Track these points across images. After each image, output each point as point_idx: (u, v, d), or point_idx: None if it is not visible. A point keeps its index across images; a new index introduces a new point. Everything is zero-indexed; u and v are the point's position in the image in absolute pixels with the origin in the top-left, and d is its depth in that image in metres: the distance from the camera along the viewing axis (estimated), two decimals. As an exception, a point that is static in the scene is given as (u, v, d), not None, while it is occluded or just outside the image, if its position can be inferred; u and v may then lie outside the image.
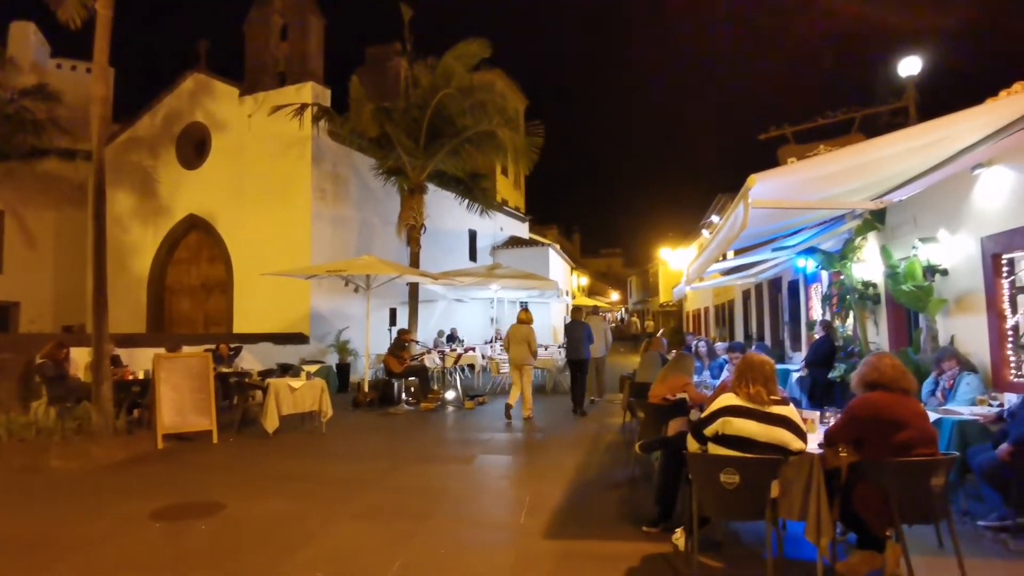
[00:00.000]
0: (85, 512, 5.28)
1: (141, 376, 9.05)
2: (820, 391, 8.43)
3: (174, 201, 16.41)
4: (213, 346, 11.21)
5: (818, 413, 4.51)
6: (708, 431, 3.83)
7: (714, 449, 3.75)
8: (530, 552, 4.25)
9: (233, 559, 4.16)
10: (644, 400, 6.35)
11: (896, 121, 10.81)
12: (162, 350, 9.14)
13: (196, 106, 16.38)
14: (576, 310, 12.43)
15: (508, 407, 9.93)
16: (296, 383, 8.83)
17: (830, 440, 3.69)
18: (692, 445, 3.92)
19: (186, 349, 9.68)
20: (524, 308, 11.08)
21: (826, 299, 10.01)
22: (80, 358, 9.11)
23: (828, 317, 9.78)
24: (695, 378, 7.92)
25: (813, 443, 3.89)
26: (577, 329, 11.01)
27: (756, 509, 3.55)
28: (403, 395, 11.68)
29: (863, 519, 3.59)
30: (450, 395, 11.95)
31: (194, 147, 16.38)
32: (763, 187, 4.74)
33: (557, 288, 15.55)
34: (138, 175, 16.66)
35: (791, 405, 3.83)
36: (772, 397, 3.80)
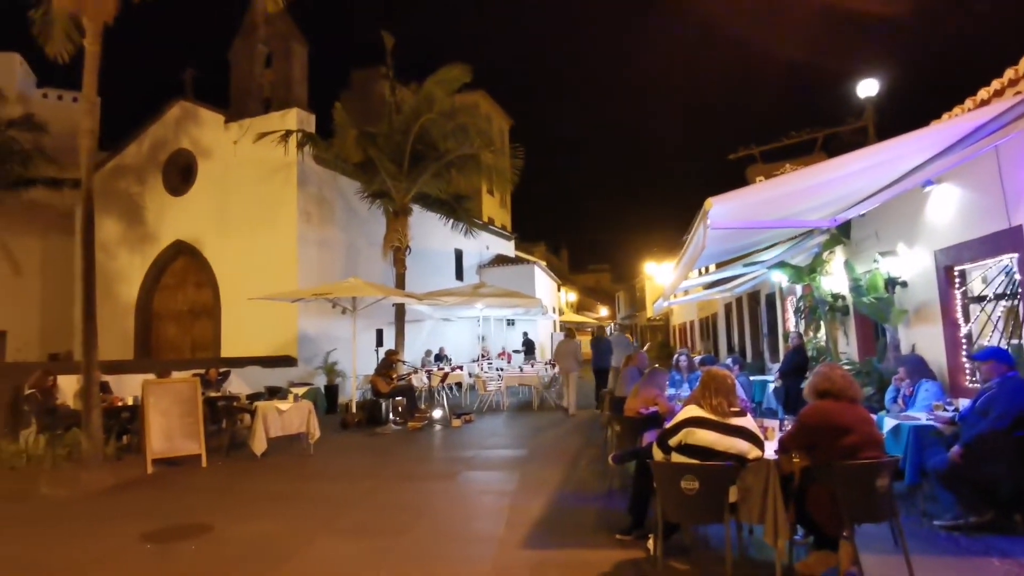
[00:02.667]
0: (76, 537, 5.42)
1: (130, 402, 9.16)
2: (794, 400, 8.68)
3: (161, 227, 16.57)
4: (202, 371, 11.34)
5: (777, 422, 4.76)
6: (672, 441, 4.07)
7: (677, 458, 3.98)
8: (507, 562, 4.44)
9: (221, 576, 4.33)
10: (620, 414, 6.58)
11: (857, 140, 11.22)
12: (151, 376, 9.28)
13: (182, 133, 16.61)
14: (600, 329, 17.61)
15: (567, 410, 12.47)
16: (284, 405, 8.97)
17: (784, 447, 3.93)
18: (657, 454, 4.15)
19: (174, 374, 9.81)
20: (570, 329, 14.58)
21: (798, 311, 10.31)
22: (68, 386, 9.23)
23: (801, 329, 10.08)
24: (673, 391, 8.18)
25: (770, 450, 4.14)
26: (600, 344, 14.16)
27: (715, 513, 3.78)
28: (390, 415, 11.82)
29: (816, 520, 3.83)
30: (437, 414, 12.12)
31: (180, 174, 16.57)
32: (724, 208, 5.03)
33: (541, 306, 15.79)
34: (125, 202, 16.83)
35: (748, 416, 4.08)
36: (732, 409, 4.05)
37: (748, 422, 4.01)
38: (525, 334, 22.48)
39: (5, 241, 17.80)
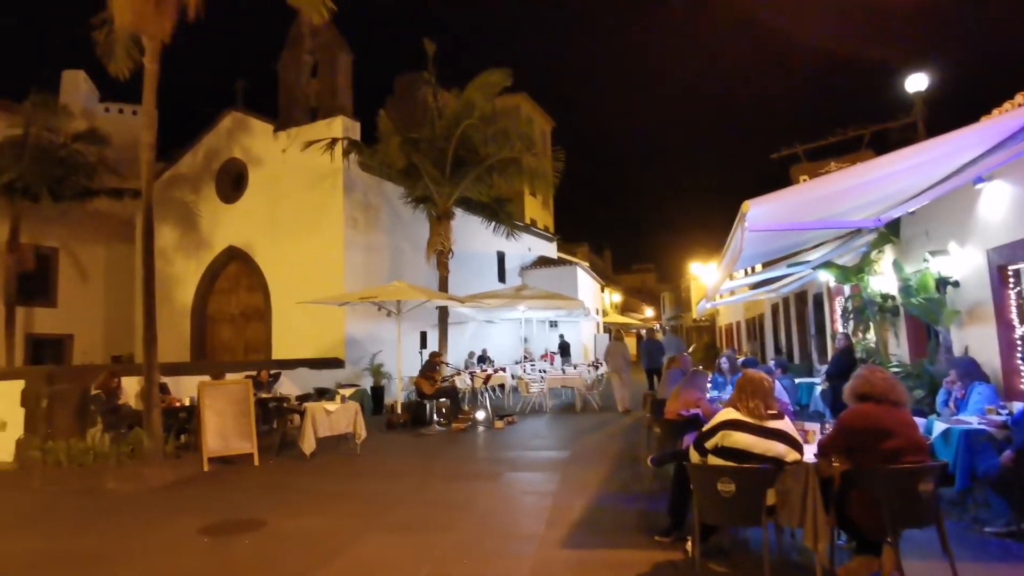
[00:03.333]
0: (139, 529, 5.75)
1: (187, 403, 9.57)
2: (840, 403, 8.49)
3: (214, 234, 17.21)
4: (254, 373, 11.75)
5: (818, 425, 4.72)
6: (708, 444, 4.09)
7: (713, 460, 4.00)
8: (547, 560, 4.53)
9: (273, 569, 4.55)
10: (662, 416, 6.59)
11: (906, 137, 10.90)
12: (206, 378, 9.69)
13: (234, 143, 17.22)
14: (651, 331, 18.50)
15: (625, 411, 12.74)
16: (331, 406, 9.26)
17: (823, 451, 3.92)
18: (694, 456, 4.18)
19: (228, 376, 10.21)
20: (618, 331, 15.15)
21: (845, 312, 10.09)
22: (130, 387, 9.69)
23: (848, 330, 9.86)
24: (715, 392, 8.13)
25: (810, 453, 4.12)
26: (651, 345, 15.59)
27: (752, 516, 3.80)
28: (435, 416, 12.03)
29: (857, 524, 3.80)
30: (480, 415, 12.27)
31: (232, 182, 17.18)
32: (762, 210, 5.00)
33: (583, 307, 15.81)
34: (181, 210, 17.54)
35: (787, 419, 4.08)
36: (769, 411, 4.05)
37: (786, 425, 4.01)
38: (561, 336, 22.35)
39: (72, 249, 18.74)
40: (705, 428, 4.16)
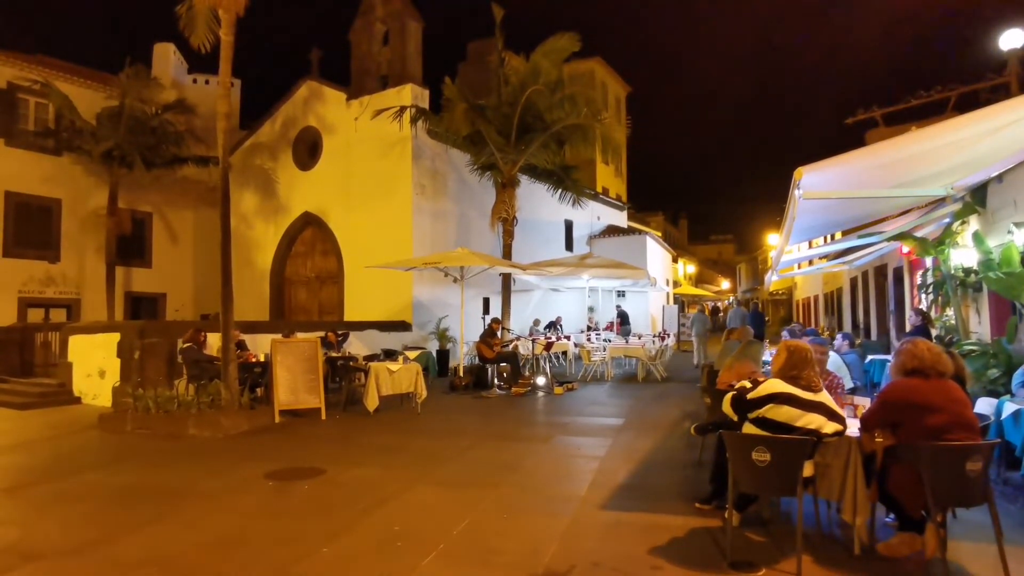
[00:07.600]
0: (214, 471, 6.26)
1: (262, 359, 10.19)
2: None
3: (291, 200, 17.96)
4: (322, 333, 12.33)
5: (868, 400, 4.57)
6: (752, 414, 4.02)
7: (749, 428, 3.96)
8: (584, 519, 4.64)
9: (326, 513, 4.86)
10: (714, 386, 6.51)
11: (996, 99, 10.01)
12: (279, 336, 10.26)
13: (309, 112, 17.79)
14: (739, 303, 21.31)
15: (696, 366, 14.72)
16: (394, 366, 9.63)
17: (865, 425, 3.82)
18: (728, 412, 4.13)
19: (301, 335, 10.76)
20: (703, 304, 15.42)
21: (923, 287, 9.54)
22: (214, 342, 10.39)
23: (924, 306, 9.34)
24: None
25: (854, 428, 4.02)
26: (753, 318, 16.09)
27: (786, 486, 3.76)
28: (495, 380, 12.28)
29: (898, 500, 3.70)
30: (540, 381, 12.43)
31: (308, 149, 17.80)
32: (821, 176, 4.82)
33: (648, 277, 15.60)
34: (261, 177, 18.36)
35: (824, 391, 3.98)
36: (813, 383, 3.96)
37: (825, 397, 3.93)
38: (618, 307, 21.91)
39: (164, 213, 20.03)
40: (751, 396, 4.06)
